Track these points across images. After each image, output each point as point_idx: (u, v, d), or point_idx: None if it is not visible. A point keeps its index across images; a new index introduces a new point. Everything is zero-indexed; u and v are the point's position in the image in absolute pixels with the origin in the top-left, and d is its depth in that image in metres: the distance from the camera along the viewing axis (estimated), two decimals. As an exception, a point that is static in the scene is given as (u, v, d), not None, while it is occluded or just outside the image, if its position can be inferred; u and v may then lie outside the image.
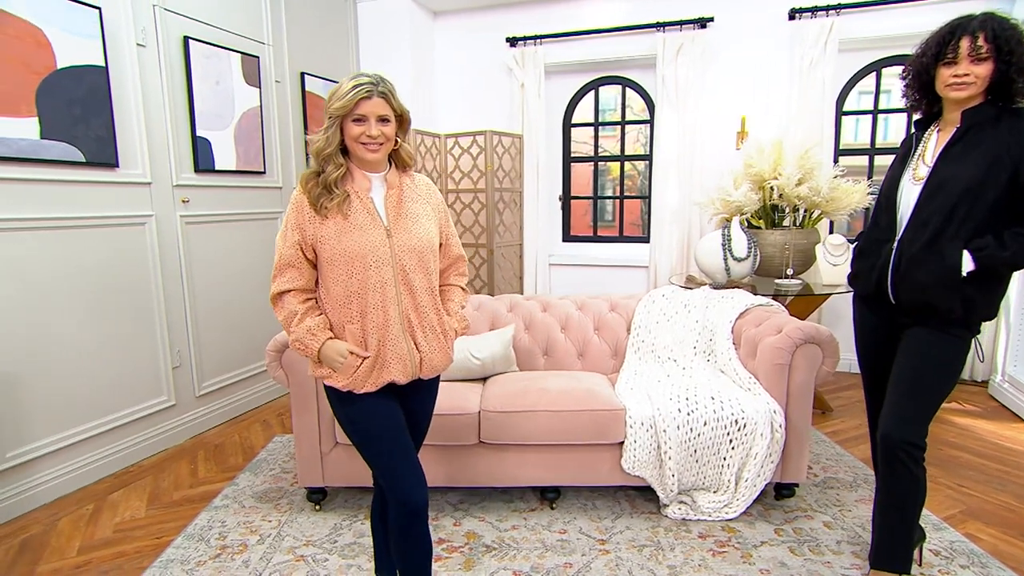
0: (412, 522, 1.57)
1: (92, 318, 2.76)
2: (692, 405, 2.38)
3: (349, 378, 1.51)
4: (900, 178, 1.80)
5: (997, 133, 1.63)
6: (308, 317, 1.51)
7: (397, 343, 1.53)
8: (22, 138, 2.47)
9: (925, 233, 1.69)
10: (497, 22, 4.77)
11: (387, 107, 1.49)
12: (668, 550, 2.20)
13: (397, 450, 1.54)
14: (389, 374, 1.53)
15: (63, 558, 2.20)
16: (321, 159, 1.48)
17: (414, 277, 1.54)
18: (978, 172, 1.62)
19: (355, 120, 1.47)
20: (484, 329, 2.96)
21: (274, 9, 3.78)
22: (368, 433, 1.55)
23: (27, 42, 2.48)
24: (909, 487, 1.76)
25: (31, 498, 2.53)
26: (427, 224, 1.59)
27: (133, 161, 2.91)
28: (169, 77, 3.08)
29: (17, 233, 2.47)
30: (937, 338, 1.74)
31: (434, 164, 4.45)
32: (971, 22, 1.61)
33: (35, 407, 2.56)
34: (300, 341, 1.50)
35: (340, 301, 1.51)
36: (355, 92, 1.44)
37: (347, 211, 1.49)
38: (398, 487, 1.54)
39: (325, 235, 1.48)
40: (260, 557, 2.18)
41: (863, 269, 1.89)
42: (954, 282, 1.66)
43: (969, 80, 1.61)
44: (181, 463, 2.95)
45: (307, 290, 1.55)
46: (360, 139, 1.47)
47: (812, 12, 4.04)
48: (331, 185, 1.47)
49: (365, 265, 1.49)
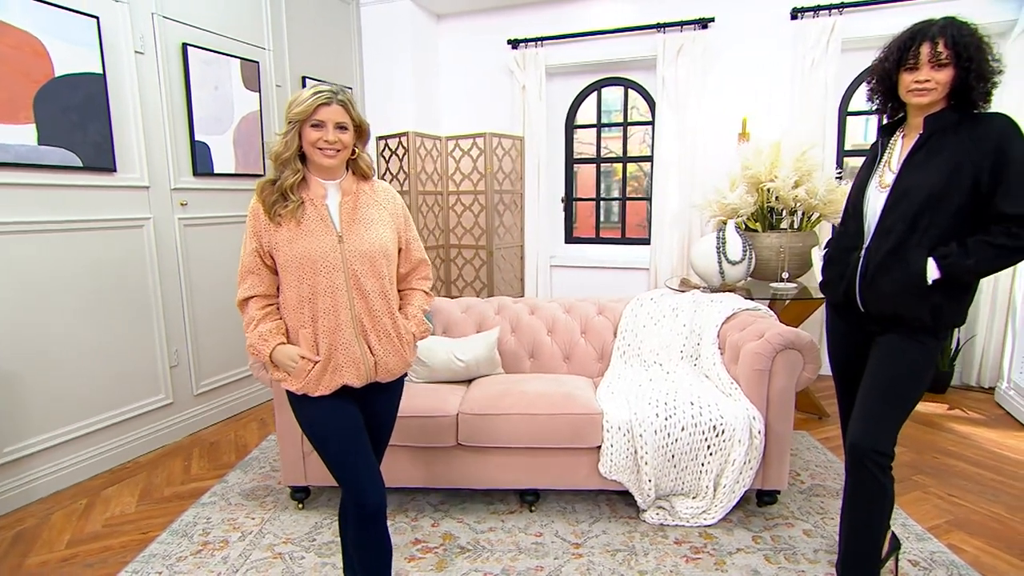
0: (368, 523, 1.59)
1: (91, 318, 2.85)
2: (670, 410, 2.37)
3: (302, 381, 1.55)
4: (867, 185, 1.78)
5: (958, 140, 1.60)
6: (263, 323, 1.55)
7: (350, 347, 1.56)
8: (21, 144, 2.56)
9: (889, 241, 1.67)
10: (499, 24, 4.78)
11: (345, 115, 1.53)
12: (642, 555, 2.20)
13: (352, 452, 1.57)
14: (342, 377, 1.56)
15: (52, 551, 2.27)
16: (279, 163, 1.52)
17: (366, 282, 1.57)
18: (941, 179, 1.60)
19: (313, 125, 1.50)
20: (471, 331, 2.98)
21: (275, 14, 3.85)
22: (323, 435, 1.58)
23: (25, 52, 2.56)
24: (875, 495, 1.74)
25: (28, 492, 2.62)
26: (382, 230, 1.62)
27: (131, 165, 2.99)
28: (167, 83, 3.15)
29: (17, 236, 2.56)
30: (907, 345, 1.72)
31: (435, 166, 4.48)
32: (931, 27, 1.60)
33: (34, 404, 2.65)
34: (253, 346, 1.54)
35: (294, 305, 1.55)
36: (315, 98, 1.48)
37: (300, 217, 1.52)
38: (354, 489, 1.57)
39: (279, 241, 1.52)
40: (239, 554, 2.23)
41: (832, 278, 1.87)
42: (920, 290, 1.64)
43: (930, 86, 1.59)
44: (176, 460, 3.03)
45: (268, 296, 1.59)
46: (318, 144, 1.51)
47: (814, 12, 3.98)
48: (287, 191, 1.51)
49: (315, 270, 1.52)
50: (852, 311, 1.83)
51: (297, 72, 4.08)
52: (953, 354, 3.87)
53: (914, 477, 2.77)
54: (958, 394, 3.86)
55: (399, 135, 4.28)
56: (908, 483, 2.70)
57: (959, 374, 4.01)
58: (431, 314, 2.91)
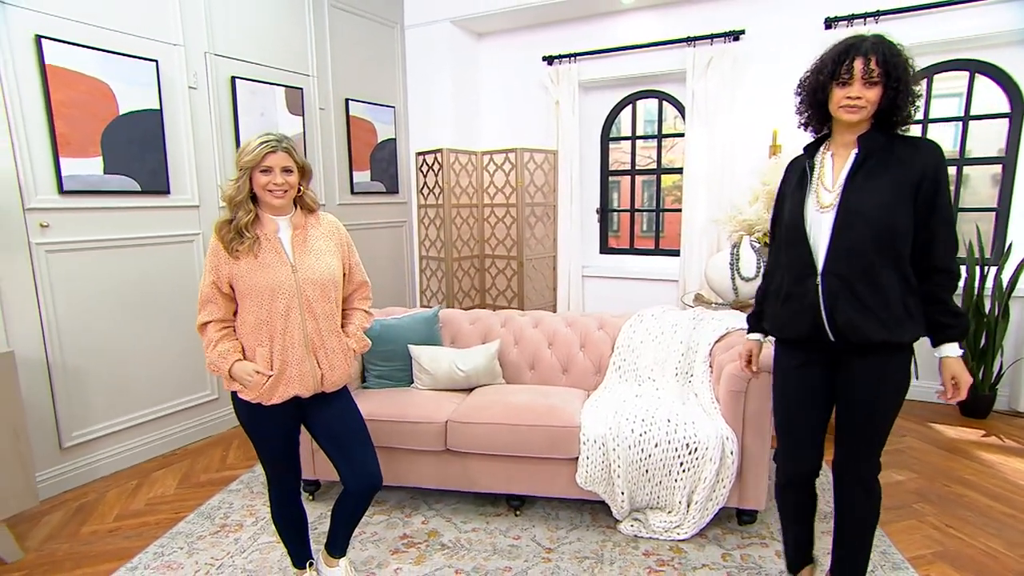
0: (285, 504, 2.03)
1: (147, 322, 3.27)
2: (646, 426, 2.46)
3: (256, 392, 1.79)
4: (803, 207, 1.74)
5: (899, 162, 1.62)
6: (221, 343, 1.80)
7: (301, 362, 1.80)
8: (90, 174, 2.99)
9: (854, 265, 1.63)
10: (535, 41, 4.94)
11: (290, 159, 1.77)
12: (608, 564, 2.31)
13: (282, 456, 1.94)
14: (293, 389, 1.81)
15: (102, 523, 2.67)
16: (233, 205, 1.76)
17: (317, 306, 1.81)
18: (891, 199, 1.60)
19: (262, 171, 1.74)
20: (476, 342, 3.17)
21: (319, 42, 4.19)
22: (262, 437, 1.90)
23: (95, 95, 2.99)
24: (874, 511, 1.80)
25: (92, 471, 3.06)
26: (329, 259, 1.86)
27: (183, 187, 3.39)
28: (217, 113, 3.54)
29: (85, 252, 2.99)
30: (887, 368, 1.69)
31: (469, 180, 4.70)
32: (863, 43, 1.59)
33: (98, 396, 3.08)
34: (213, 364, 1.80)
35: (252, 327, 1.79)
36: (262, 147, 1.72)
37: (257, 252, 1.76)
38: (276, 480, 2.00)
39: (238, 273, 1.77)
40: (249, 537, 2.53)
41: (792, 313, 1.76)
42: (895, 315, 1.63)
43: (861, 103, 1.59)
44: (216, 450, 3.41)
45: (224, 320, 1.84)
46: (267, 187, 1.75)
47: (848, 20, 3.88)
48: (242, 229, 1.75)
49: (273, 297, 1.76)
50: (817, 344, 1.74)
51: (340, 95, 4.42)
52: (995, 378, 3.67)
53: (915, 504, 2.70)
54: (1001, 420, 3.65)
55: (435, 151, 4.53)
56: (906, 510, 2.65)
57: (1005, 399, 3.79)
58: (369, 329, 3.09)
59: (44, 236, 2.83)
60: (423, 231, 4.82)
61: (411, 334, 3.07)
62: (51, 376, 2.88)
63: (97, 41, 2.97)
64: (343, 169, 4.49)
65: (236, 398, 1.86)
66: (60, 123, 2.85)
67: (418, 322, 3.12)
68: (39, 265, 2.81)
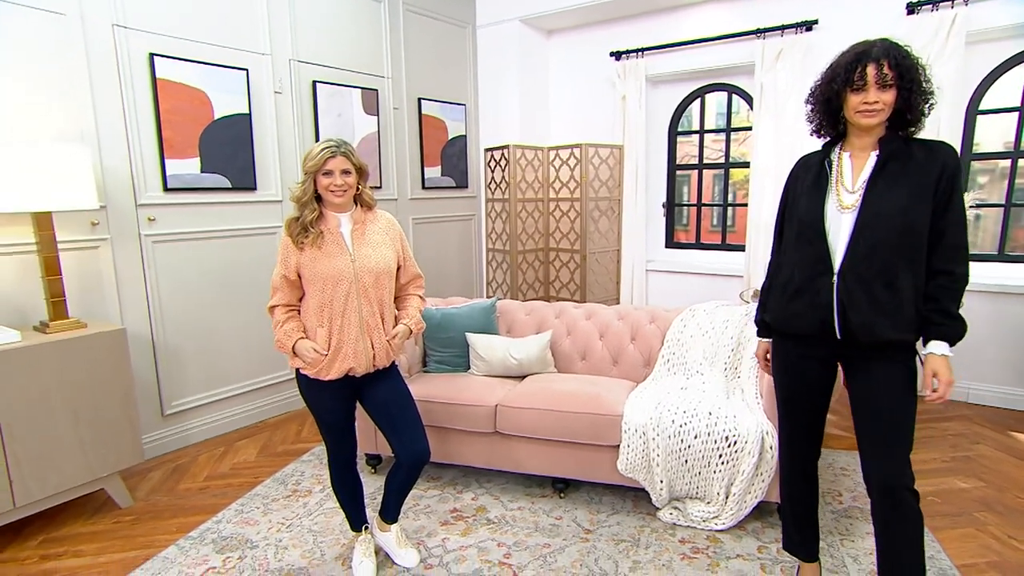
0: (344, 469, 2.26)
1: (236, 305, 3.63)
2: (687, 417, 2.52)
3: (316, 368, 2.02)
4: (823, 206, 1.75)
5: (917, 165, 1.64)
6: (287, 323, 2.04)
7: (356, 342, 2.01)
8: (188, 173, 3.36)
9: (870, 267, 1.66)
10: (603, 36, 4.99)
11: (348, 163, 1.96)
12: (643, 548, 2.39)
13: (337, 427, 2.19)
14: (347, 365, 2.02)
15: (194, 482, 3.03)
16: (300, 204, 1.99)
17: (372, 292, 2.02)
18: (911, 203, 1.63)
19: (324, 174, 1.95)
20: (530, 332, 3.30)
21: (394, 46, 4.44)
22: (320, 408, 2.15)
23: (195, 103, 3.35)
24: (919, 523, 1.71)
25: (186, 437, 3.45)
26: (384, 251, 2.07)
27: (268, 183, 3.73)
28: (299, 115, 3.86)
29: (183, 243, 3.37)
30: (899, 370, 1.70)
31: (535, 175, 4.83)
32: (872, 48, 1.62)
33: (193, 371, 3.47)
34: (279, 341, 2.03)
35: (314, 310, 2.01)
36: (324, 153, 1.93)
37: (321, 244, 1.98)
38: (335, 448, 2.24)
39: (304, 263, 1.99)
40: (317, 502, 2.80)
41: (802, 309, 1.78)
42: (907, 317, 1.65)
43: (878, 107, 1.62)
44: (293, 424, 3.75)
45: (290, 304, 2.07)
46: (329, 187, 1.96)
47: (933, 4, 3.69)
48: (308, 225, 1.97)
49: (334, 283, 1.98)
50: (822, 340, 1.78)
51: (414, 94, 4.66)
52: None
53: (977, 513, 2.60)
54: (1095, 431, 3.39)
55: (502, 147, 4.69)
56: (965, 518, 2.56)
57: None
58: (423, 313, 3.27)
59: (151, 228, 3.22)
60: (490, 224, 5.00)
61: (469, 322, 3.25)
62: (155, 351, 3.28)
63: (197, 55, 3.33)
64: (415, 165, 4.74)
65: (299, 374, 2.10)
66: (166, 129, 3.23)
67: (476, 311, 3.30)
68: (147, 254, 3.21)
